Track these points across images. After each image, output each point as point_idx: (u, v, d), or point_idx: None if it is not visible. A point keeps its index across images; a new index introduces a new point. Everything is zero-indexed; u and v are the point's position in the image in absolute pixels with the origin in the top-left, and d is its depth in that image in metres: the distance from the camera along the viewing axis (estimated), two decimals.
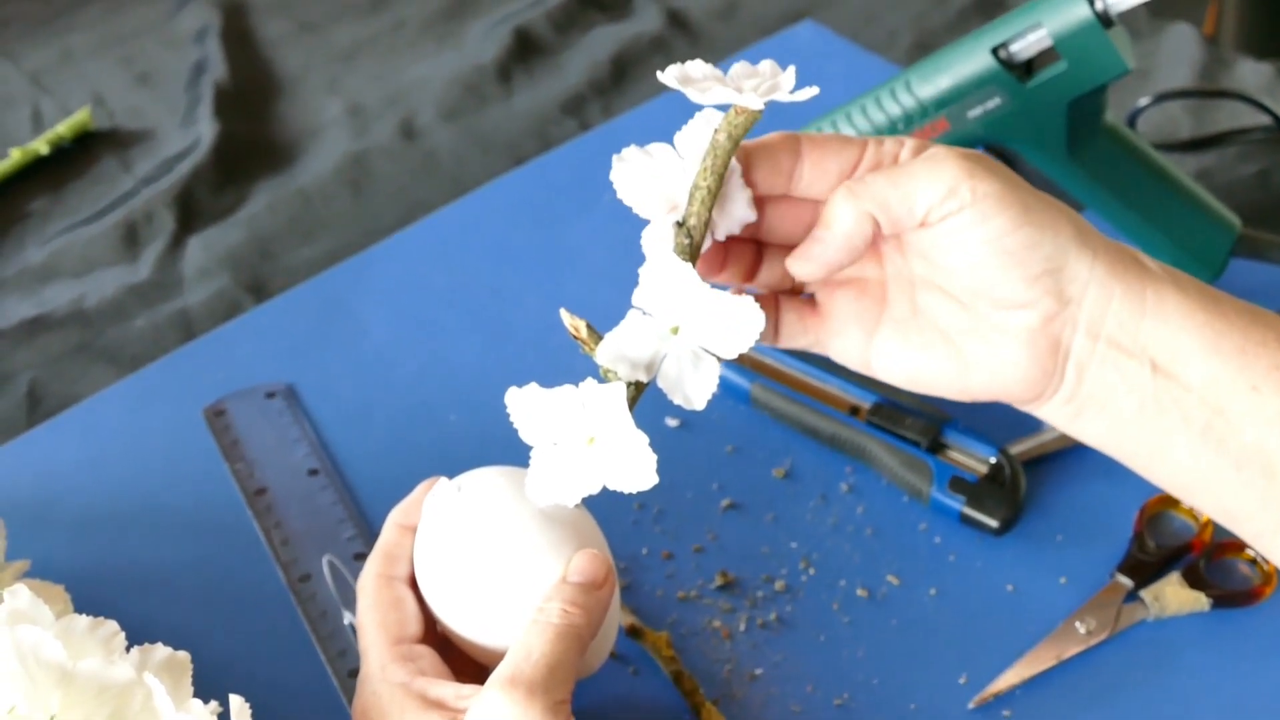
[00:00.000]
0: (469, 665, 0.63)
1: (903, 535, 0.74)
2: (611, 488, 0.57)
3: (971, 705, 0.67)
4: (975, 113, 0.77)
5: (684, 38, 1.10)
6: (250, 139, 1.03)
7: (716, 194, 0.56)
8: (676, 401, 0.57)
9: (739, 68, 0.56)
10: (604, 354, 0.56)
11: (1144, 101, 0.96)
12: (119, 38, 1.13)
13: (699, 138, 0.57)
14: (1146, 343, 0.55)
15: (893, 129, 0.79)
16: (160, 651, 0.59)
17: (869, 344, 0.60)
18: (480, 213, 0.95)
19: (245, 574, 0.74)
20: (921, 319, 0.59)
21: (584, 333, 0.58)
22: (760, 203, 0.59)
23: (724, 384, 0.80)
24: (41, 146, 1.01)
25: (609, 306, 0.60)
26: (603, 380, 0.57)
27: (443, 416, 0.81)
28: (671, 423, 0.80)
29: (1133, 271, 0.56)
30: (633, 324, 0.57)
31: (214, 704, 0.57)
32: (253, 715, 0.58)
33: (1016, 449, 0.76)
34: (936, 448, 0.76)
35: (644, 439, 0.56)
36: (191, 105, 1.06)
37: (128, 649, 0.59)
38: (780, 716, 0.67)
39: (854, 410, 0.78)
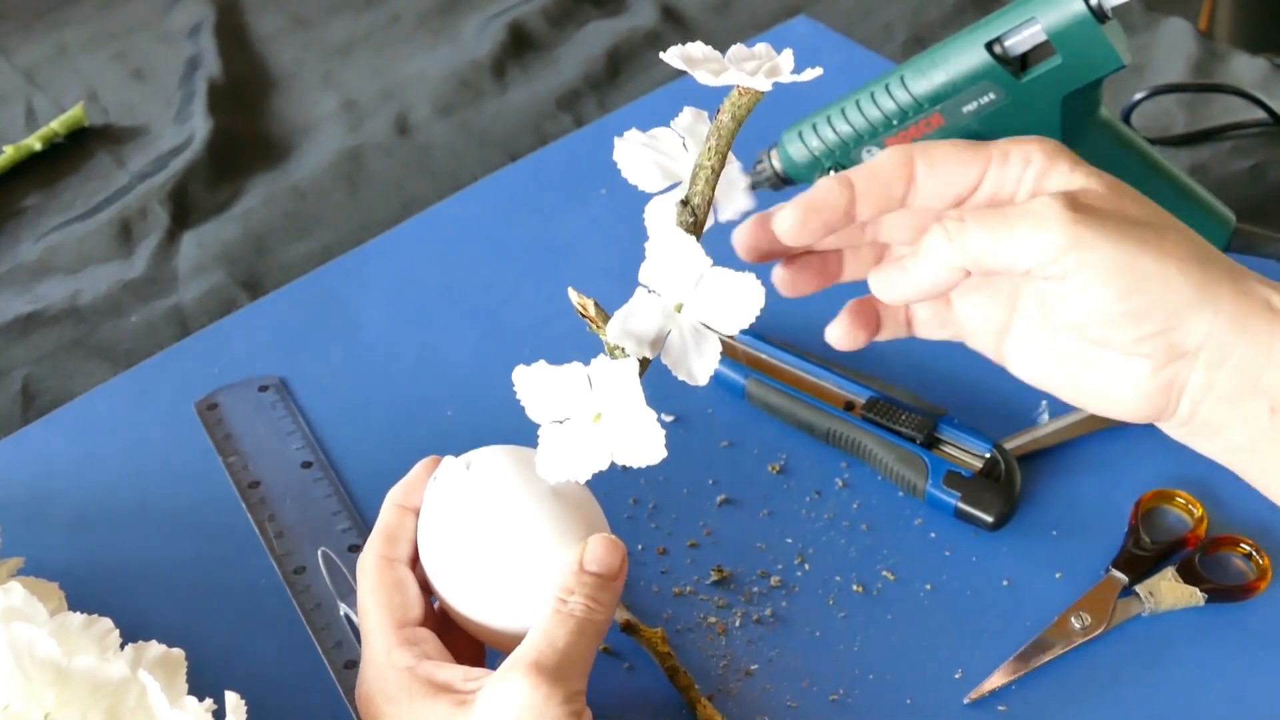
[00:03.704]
0: (466, 645, 0.63)
1: (898, 530, 0.74)
2: (620, 463, 0.57)
3: (967, 700, 0.67)
4: (970, 108, 0.77)
5: (679, 32, 1.10)
6: (244, 134, 1.03)
7: (719, 173, 0.57)
8: (680, 377, 0.58)
9: (736, 50, 0.57)
10: (613, 331, 0.57)
11: (1139, 96, 0.96)
12: (113, 33, 1.13)
13: (693, 123, 0.58)
14: (1269, 386, 0.54)
15: (887, 124, 0.79)
16: (154, 648, 0.59)
17: (1000, 344, 0.60)
18: (475, 208, 0.95)
19: (240, 568, 0.74)
20: (1047, 330, 0.59)
21: (592, 310, 0.58)
22: None
23: (719, 379, 0.80)
24: (35, 143, 1.01)
25: (605, 300, 0.60)
26: (609, 357, 0.57)
27: (439, 411, 0.81)
28: (667, 418, 0.79)
29: (1262, 321, 0.54)
30: (640, 301, 0.57)
31: (209, 701, 0.57)
32: (251, 708, 0.58)
33: (1011, 444, 0.76)
34: (931, 443, 0.76)
35: (653, 415, 0.56)
36: (185, 101, 1.05)
37: (122, 646, 0.59)
38: (776, 712, 0.67)
39: (849, 406, 0.78)
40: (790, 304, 0.85)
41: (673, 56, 0.56)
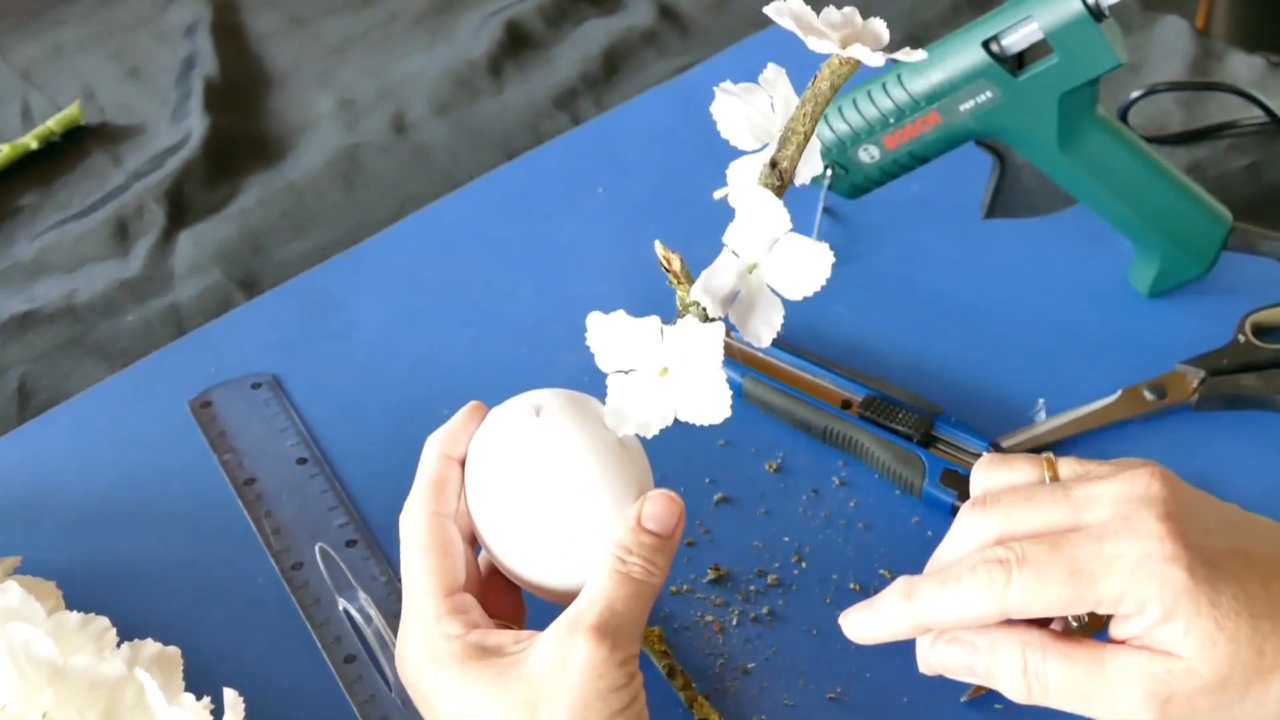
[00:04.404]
0: (508, 603, 0.63)
1: (895, 529, 0.74)
2: (684, 419, 0.58)
3: (964, 699, 0.67)
4: (967, 106, 0.77)
5: (675, 31, 1.10)
6: (241, 133, 1.03)
7: (810, 139, 0.57)
8: (746, 338, 0.58)
9: (828, 14, 0.56)
10: (697, 288, 0.57)
11: (1135, 94, 0.96)
12: (109, 32, 1.13)
13: (775, 79, 0.58)
14: None
15: (884, 123, 0.79)
16: (150, 647, 0.59)
17: None
18: (472, 207, 0.95)
19: (238, 565, 0.74)
20: None
21: (676, 266, 0.58)
22: None
23: None
24: (31, 141, 1.01)
25: (600, 299, 0.60)
26: (678, 313, 0.58)
27: (435, 409, 0.81)
28: None
29: None
30: (724, 259, 0.57)
31: (206, 699, 0.57)
32: (249, 705, 0.58)
33: (1008, 442, 0.76)
34: (928, 441, 0.76)
35: (724, 375, 0.57)
36: (182, 100, 1.05)
37: (119, 644, 0.59)
38: (773, 710, 0.67)
39: (846, 404, 0.78)
40: (786, 302, 0.85)
41: (781, 14, 0.54)
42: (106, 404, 0.83)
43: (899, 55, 0.54)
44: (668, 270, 0.59)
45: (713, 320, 0.58)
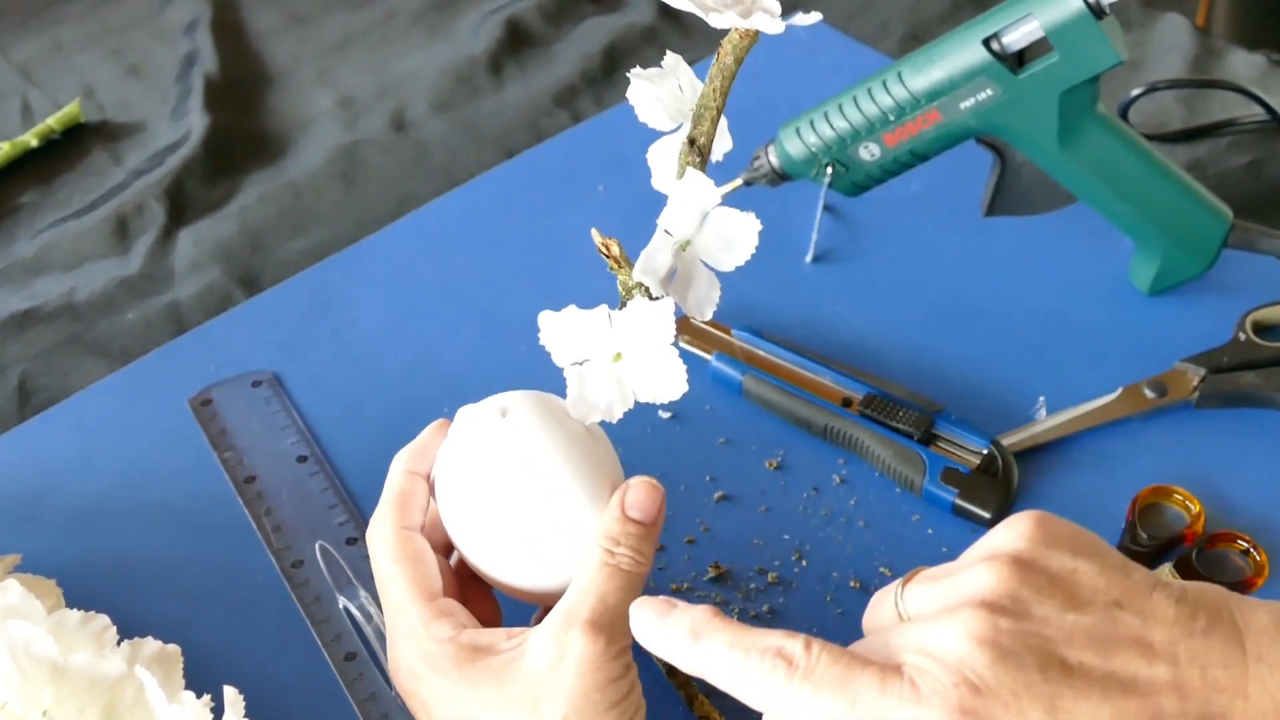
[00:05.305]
0: (482, 605, 0.63)
1: (895, 527, 0.74)
2: (644, 400, 0.58)
3: None
4: (967, 104, 0.77)
5: (675, 29, 1.10)
6: (241, 131, 1.03)
7: (721, 113, 0.58)
8: (689, 313, 0.59)
9: None
10: (638, 271, 0.58)
11: (1136, 92, 0.96)
12: (109, 30, 1.13)
13: (675, 65, 0.60)
14: None
15: (884, 121, 0.79)
16: (150, 645, 0.59)
17: None
18: (472, 204, 0.95)
19: (238, 563, 0.74)
20: None
21: (615, 251, 0.59)
22: None
23: (716, 376, 0.81)
24: (31, 139, 1.01)
25: (601, 297, 0.60)
26: (619, 300, 0.59)
27: (434, 408, 0.81)
28: (664, 415, 0.80)
29: None
30: (657, 240, 0.58)
31: (206, 697, 0.57)
32: (250, 703, 0.58)
33: (1009, 440, 0.76)
34: (929, 439, 0.76)
35: (676, 351, 0.58)
36: (182, 97, 1.05)
37: (119, 642, 0.59)
38: None
39: (846, 402, 0.78)
40: (787, 300, 0.85)
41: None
42: (106, 402, 0.83)
43: (796, 20, 0.55)
44: (607, 256, 0.60)
45: (658, 299, 0.58)
